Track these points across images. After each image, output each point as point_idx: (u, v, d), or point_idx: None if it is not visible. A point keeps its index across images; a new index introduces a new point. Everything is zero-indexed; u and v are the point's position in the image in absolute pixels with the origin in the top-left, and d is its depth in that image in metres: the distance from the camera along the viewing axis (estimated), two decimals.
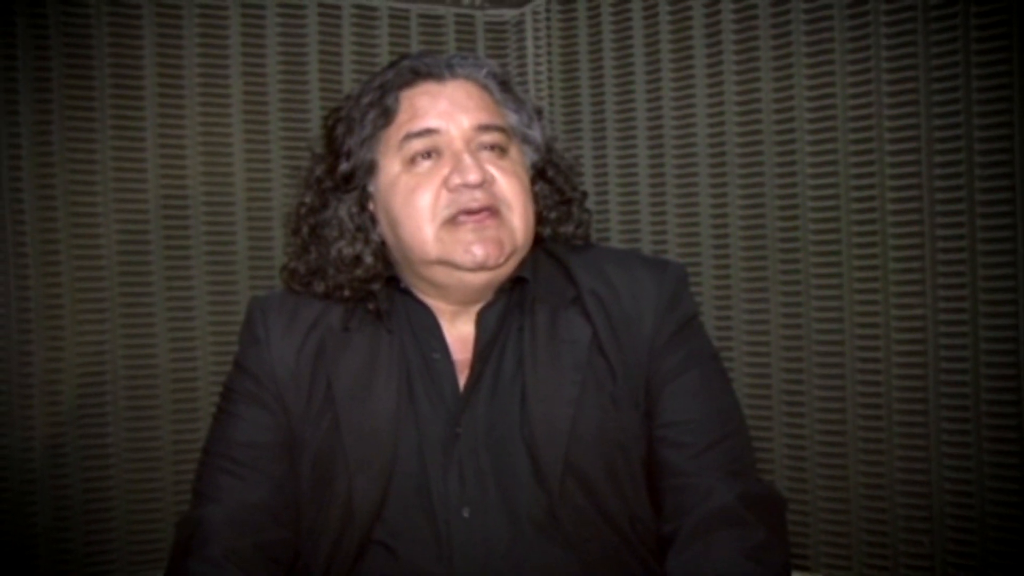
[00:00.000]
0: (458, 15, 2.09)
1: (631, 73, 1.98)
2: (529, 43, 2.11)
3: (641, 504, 1.41)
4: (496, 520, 1.37)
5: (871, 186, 1.70)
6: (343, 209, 1.45)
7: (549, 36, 2.09)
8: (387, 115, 1.41)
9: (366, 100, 1.43)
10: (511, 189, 1.40)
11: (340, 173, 1.44)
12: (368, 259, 1.44)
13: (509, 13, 2.12)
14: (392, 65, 1.47)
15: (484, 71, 1.46)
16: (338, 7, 2.01)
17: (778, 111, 1.80)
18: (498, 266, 1.39)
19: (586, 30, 2.04)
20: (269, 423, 1.43)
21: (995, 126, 1.56)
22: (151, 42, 1.88)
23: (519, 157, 1.46)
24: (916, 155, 1.65)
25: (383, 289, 1.45)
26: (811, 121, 1.76)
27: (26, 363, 1.80)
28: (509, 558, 1.36)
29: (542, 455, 1.36)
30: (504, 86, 1.47)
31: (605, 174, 2.02)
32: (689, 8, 1.89)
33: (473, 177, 1.36)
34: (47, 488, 1.82)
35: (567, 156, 1.58)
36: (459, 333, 1.45)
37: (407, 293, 1.46)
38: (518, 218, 1.41)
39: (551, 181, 1.52)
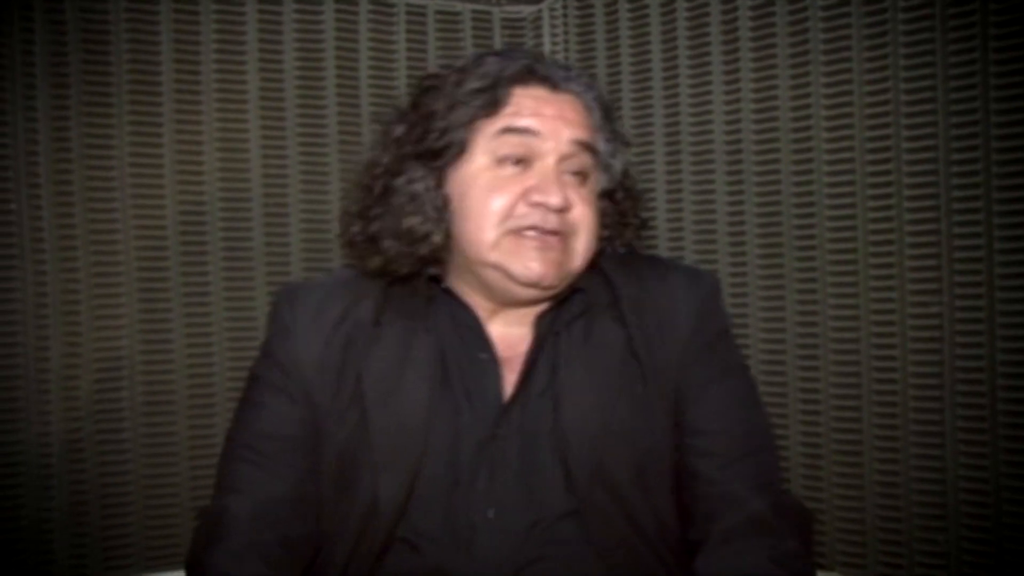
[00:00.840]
0: (475, 12, 2.09)
1: (648, 70, 1.98)
2: (546, 40, 2.11)
3: (668, 510, 1.41)
4: (521, 521, 1.36)
5: (888, 184, 1.70)
6: (421, 184, 1.41)
7: (566, 33, 2.09)
8: (494, 105, 1.38)
9: (475, 85, 1.39)
10: (584, 218, 1.40)
11: (430, 146, 1.40)
12: (437, 239, 1.40)
13: (527, 10, 2.12)
14: (505, 55, 1.44)
15: (593, 94, 1.45)
16: (355, 3, 2.01)
17: (795, 109, 1.79)
18: (551, 287, 1.39)
19: (603, 27, 2.04)
20: (294, 416, 1.40)
21: (1012, 124, 1.56)
22: (168, 38, 1.89)
23: (594, 185, 1.45)
24: (933, 153, 1.65)
25: (424, 285, 1.43)
26: (828, 119, 1.76)
27: (43, 358, 1.81)
28: (533, 559, 1.35)
29: (572, 459, 1.36)
30: (607, 113, 1.46)
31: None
32: (706, 6, 1.89)
33: (555, 200, 1.35)
34: (64, 482, 1.82)
35: (639, 185, 1.58)
36: (496, 333, 1.44)
37: (448, 292, 1.44)
38: (582, 246, 1.40)
39: (617, 203, 1.51)
